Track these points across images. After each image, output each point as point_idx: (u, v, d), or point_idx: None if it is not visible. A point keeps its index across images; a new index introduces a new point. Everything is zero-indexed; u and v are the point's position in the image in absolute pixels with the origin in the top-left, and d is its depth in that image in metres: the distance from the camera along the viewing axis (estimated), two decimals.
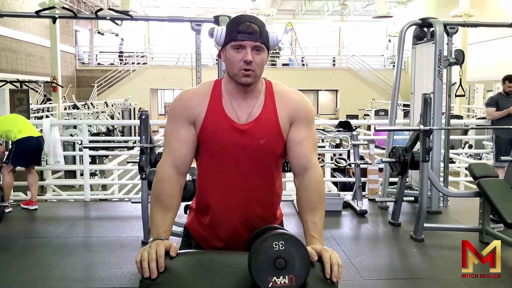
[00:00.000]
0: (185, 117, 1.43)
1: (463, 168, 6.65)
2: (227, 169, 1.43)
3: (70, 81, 18.68)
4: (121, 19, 5.01)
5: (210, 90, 1.46)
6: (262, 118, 1.42)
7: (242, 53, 1.37)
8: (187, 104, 1.44)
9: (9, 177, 4.57)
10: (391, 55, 22.01)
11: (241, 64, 1.37)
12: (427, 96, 3.83)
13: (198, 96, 1.45)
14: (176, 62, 20.09)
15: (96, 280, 3.12)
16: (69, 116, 10.89)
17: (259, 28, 1.37)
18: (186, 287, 1.20)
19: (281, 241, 1.16)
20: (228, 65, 1.41)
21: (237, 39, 1.37)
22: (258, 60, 1.38)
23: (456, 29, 4.86)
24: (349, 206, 4.91)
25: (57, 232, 4.19)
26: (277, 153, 1.46)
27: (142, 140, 3.48)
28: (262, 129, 1.41)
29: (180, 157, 1.42)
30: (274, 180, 1.50)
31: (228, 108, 1.43)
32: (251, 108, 1.43)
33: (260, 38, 1.38)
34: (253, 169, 1.44)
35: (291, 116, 1.44)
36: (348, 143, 4.94)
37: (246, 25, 1.37)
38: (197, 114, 1.43)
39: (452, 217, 4.67)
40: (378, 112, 13.81)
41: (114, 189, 6.71)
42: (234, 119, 1.42)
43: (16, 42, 13.68)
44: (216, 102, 1.43)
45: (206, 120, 1.42)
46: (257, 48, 1.38)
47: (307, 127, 1.46)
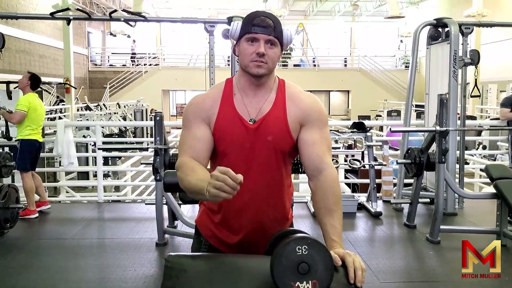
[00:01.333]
0: (200, 119, 1.44)
1: (478, 169, 6.57)
2: (237, 166, 1.41)
3: (83, 83, 18.86)
4: (135, 20, 5.02)
5: (221, 90, 1.47)
6: (271, 115, 1.43)
7: (255, 46, 1.38)
8: (200, 107, 1.45)
9: (31, 181, 4.54)
10: (403, 55, 21.86)
11: (253, 56, 1.38)
12: (443, 96, 3.79)
13: (210, 99, 1.46)
14: (188, 63, 20.17)
15: (111, 282, 3.12)
16: (81, 118, 10.98)
17: (273, 23, 1.39)
18: None
19: (304, 246, 1.15)
20: (241, 58, 1.42)
21: (251, 32, 1.38)
22: (271, 54, 1.39)
23: (471, 29, 4.79)
24: (364, 208, 4.87)
25: (71, 233, 4.21)
26: (285, 150, 1.45)
27: (156, 141, 3.48)
28: (270, 126, 1.42)
29: (196, 152, 1.41)
30: (283, 178, 1.49)
31: (239, 105, 1.44)
32: (261, 104, 1.44)
33: (274, 32, 1.39)
34: (262, 167, 1.44)
35: (302, 117, 1.44)
36: (362, 144, 4.90)
37: (261, 19, 1.38)
38: (211, 115, 1.44)
39: (468, 219, 4.61)
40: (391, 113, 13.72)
41: (127, 191, 6.74)
42: (244, 116, 1.43)
43: (30, 43, 13.83)
44: (228, 100, 1.45)
45: (218, 119, 1.43)
46: (270, 42, 1.39)
47: (319, 129, 1.45)
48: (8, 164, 4.10)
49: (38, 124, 4.63)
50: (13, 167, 4.23)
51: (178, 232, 3.96)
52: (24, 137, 4.50)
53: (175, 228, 4.13)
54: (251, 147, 1.42)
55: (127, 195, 6.58)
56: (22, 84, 4.59)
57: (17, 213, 4.28)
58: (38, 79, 4.72)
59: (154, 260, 3.51)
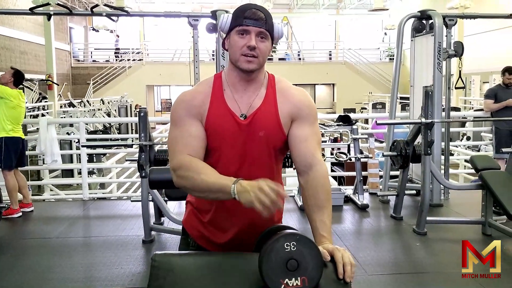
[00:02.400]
0: (192, 115, 1.40)
1: (462, 160, 6.64)
2: (229, 162, 1.41)
3: (65, 79, 18.58)
4: (117, 15, 4.94)
5: (211, 86, 1.44)
6: (262, 110, 1.40)
7: (246, 39, 1.36)
8: (191, 104, 1.41)
9: (12, 179, 4.47)
10: (387, 48, 21.99)
11: (244, 49, 1.35)
12: (428, 88, 3.80)
13: (200, 94, 1.43)
14: (172, 58, 20.01)
15: (97, 281, 3.08)
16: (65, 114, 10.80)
17: (265, 16, 1.37)
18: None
19: (292, 242, 1.13)
20: (231, 51, 1.39)
21: (242, 24, 1.35)
22: (262, 47, 1.37)
23: (455, 21, 4.83)
24: (350, 201, 4.89)
25: (56, 232, 4.14)
26: (277, 146, 1.43)
27: (141, 137, 3.44)
28: (261, 122, 1.40)
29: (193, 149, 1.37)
30: (275, 175, 1.47)
31: (230, 101, 1.41)
32: (252, 99, 1.41)
33: (265, 25, 1.37)
34: (253, 163, 1.42)
35: (293, 113, 1.42)
36: (348, 137, 4.91)
37: (252, 11, 1.36)
38: (202, 111, 1.40)
39: (454, 209, 4.66)
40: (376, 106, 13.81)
41: (112, 188, 6.67)
42: (235, 111, 1.40)
43: (10, 40, 13.56)
44: (218, 96, 1.42)
45: (209, 116, 1.40)
46: (261, 35, 1.37)
47: (310, 125, 1.43)
48: None
49: (19, 122, 4.55)
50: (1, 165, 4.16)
51: (165, 229, 3.93)
52: (7, 134, 4.42)
53: (161, 224, 4.09)
54: (243, 143, 1.40)
55: (113, 192, 6.51)
56: (5, 80, 4.49)
57: (0, 212, 4.19)
58: (22, 75, 4.62)
59: (141, 258, 3.47)
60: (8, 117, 4.42)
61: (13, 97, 4.44)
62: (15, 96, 4.47)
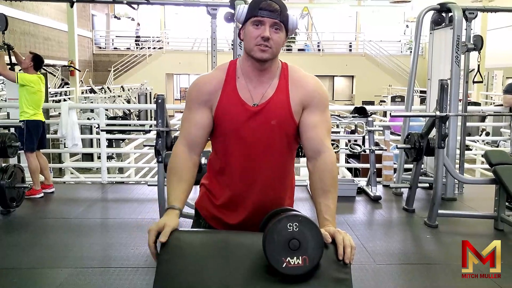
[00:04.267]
0: (201, 102, 1.46)
1: (480, 155, 6.58)
2: (239, 150, 1.46)
3: (87, 65, 18.85)
4: (138, 3, 5.02)
5: (225, 72, 1.48)
6: (274, 99, 1.44)
7: (260, 29, 1.39)
8: (203, 89, 1.47)
9: (34, 161, 4.61)
10: (408, 40, 21.65)
11: (258, 39, 1.39)
12: (444, 82, 3.79)
13: (213, 80, 1.48)
14: (191, 47, 20.09)
15: (113, 260, 3.20)
16: (86, 100, 11.02)
17: (279, 7, 1.40)
18: (200, 266, 1.23)
19: (295, 223, 1.19)
20: (246, 41, 1.43)
21: (257, 15, 1.39)
22: (276, 38, 1.40)
23: (475, 14, 4.77)
24: (363, 192, 4.92)
25: (75, 213, 4.30)
26: (288, 133, 1.47)
27: (158, 124, 3.52)
28: (273, 111, 1.43)
29: (192, 139, 1.47)
30: (286, 164, 1.52)
31: (242, 89, 1.45)
32: (264, 89, 1.45)
33: (280, 17, 1.40)
34: (265, 151, 1.46)
35: (304, 100, 1.46)
36: (363, 129, 4.92)
37: (267, 3, 1.39)
38: (213, 98, 1.46)
39: (467, 204, 4.65)
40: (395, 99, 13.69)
41: (130, 172, 6.81)
42: (247, 100, 1.44)
43: (34, 26, 13.81)
44: (231, 83, 1.46)
45: (220, 102, 1.45)
46: (276, 27, 1.40)
47: (321, 112, 1.47)
48: (14, 145, 4.15)
49: (40, 106, 4.69)
50: (18, 147, 4.28)
51: None
52: (29, 117, 4.56)
53: None
54: (254, 130, 1.44)
55: (131, 176, 6.65)
56: (25, 65, 4.62)
57: (23, 192, 4.36)
58: (41, 59, 4.74)
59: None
60: (30, 102, 4.56)
61: (33, 83, 4.57)
62: (36, 82, 4.59)
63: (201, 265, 1.23)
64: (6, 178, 4.04)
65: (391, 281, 2.99)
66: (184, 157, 1.46)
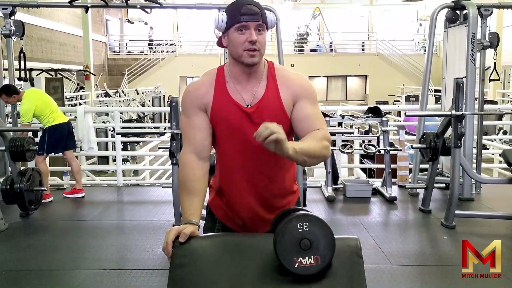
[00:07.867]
0: (196, 106, 1.50)
1: (497, 154, 6.49)
2: (237, 150, 1.50)
3: (102, 70, 19.07)
4: (151, 7, 5.07)
5: (214, 77, 1.52)
6: (266, 98, 1.48)
7: (246, 34, 1.42)
8: (196, 94, 1.51)
9: (44, 165, 4.65)
10: (422, 39, 21.44)
11: (246, 44, 1.42)
12: (459, 80, 3.75)
13: (204, 85, 1.52)
14: (204, 50, 20.15)
15: (129, 262, 3.23)
16: (101, 104, 11.15)
17: (259, 9, 1.44)
18: (212, 269, 1.24)
19: (305, 222, 1.19)
20: (232, 48, 1.46)
21: (240, 21, 1.42)
22: (261, 39, 1.44)
23: (490, 11, 4.71)
24: (379, 193, 4.88)
25: (92, 215, 4.35)
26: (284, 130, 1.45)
27: (172, 126, 3.55)
28: (266, 109, 1.47)
29: (197, 144, 1.50)
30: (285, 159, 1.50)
31: (233, 92, 1.49)
32: (255, 89, 1.49)
33: (262, 18, 1.44)
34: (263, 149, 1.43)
35: (294, 96, 1.49)
36: (378, 129, 4.89)
37: (247, 7, 1.42)
38: (206, 102, 1.50)
39: (485, 204, 4.58)
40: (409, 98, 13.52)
41: (145, 175, 6.87)
42: (239, 102, 1.48)
43: (51, 32, 14.02)
44: (221, 88, 1.50)
45: (214, 105, 1.49)
46: (259, 28, 1.44)
47: (311, 104, 1.50)
48: (32, 148, 4.20)
49: (54, 109, 4.70)
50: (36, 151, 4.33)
51: None
52: (50, 124, 4.61)
53: None
54: (250, 131, 1.44)
55: (146, 179, 6.71)
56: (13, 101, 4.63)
57: (40, 195, 4.42)
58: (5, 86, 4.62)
59: None
60: (46, 114, 4.60)
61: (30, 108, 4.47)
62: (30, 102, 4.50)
63: (213, 269, 1.24)
64: (24, 182, 4.11)
65: (407, 283, 2.96)
66: (193, 167, 1.48)
